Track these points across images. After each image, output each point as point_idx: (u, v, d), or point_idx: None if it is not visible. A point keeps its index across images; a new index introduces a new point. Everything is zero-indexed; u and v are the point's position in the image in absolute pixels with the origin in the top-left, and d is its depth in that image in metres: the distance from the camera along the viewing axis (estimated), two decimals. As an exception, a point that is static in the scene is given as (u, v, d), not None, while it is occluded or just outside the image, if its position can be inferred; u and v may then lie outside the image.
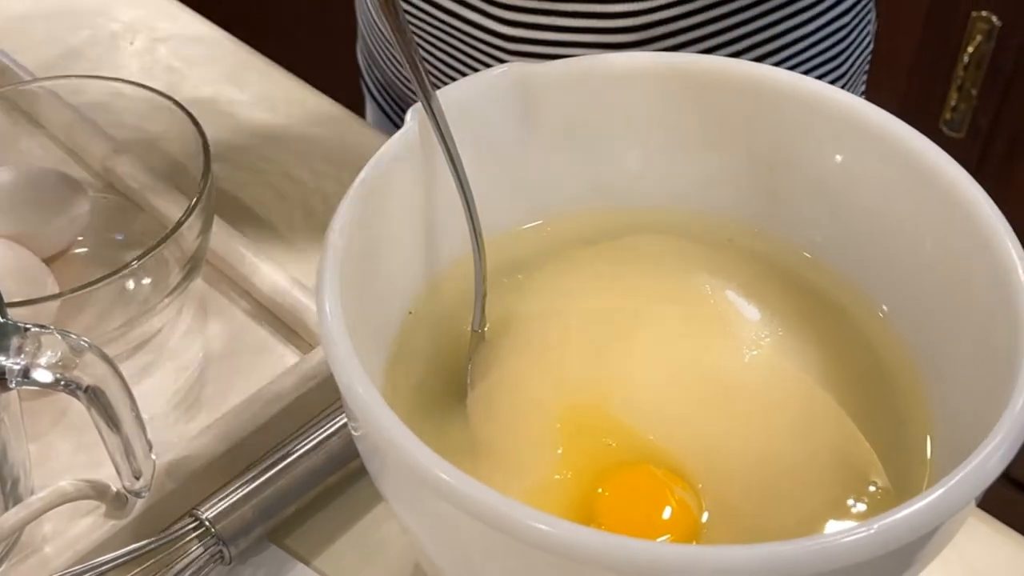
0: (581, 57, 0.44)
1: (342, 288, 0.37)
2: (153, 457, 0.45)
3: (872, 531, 0.29)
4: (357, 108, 0.76)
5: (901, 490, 0.38)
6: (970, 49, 1.02)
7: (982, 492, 0.32)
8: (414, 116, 0.42)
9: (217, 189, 0.62)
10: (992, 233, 0.36)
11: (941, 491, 0.30)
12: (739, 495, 0.38)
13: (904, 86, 1.10)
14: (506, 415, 0.41)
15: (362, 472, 0.48)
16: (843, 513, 0.38)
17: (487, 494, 0.31)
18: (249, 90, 0.69)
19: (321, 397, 0.50)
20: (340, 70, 0.87)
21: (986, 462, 0.31)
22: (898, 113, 0.40)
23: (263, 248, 0.57)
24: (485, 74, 0.43)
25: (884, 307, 0.41)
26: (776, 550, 0.29)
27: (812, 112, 0.41)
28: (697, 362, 0.42)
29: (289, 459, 0.47)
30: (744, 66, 0.43)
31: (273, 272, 0.55)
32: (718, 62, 0.43)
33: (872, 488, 0.38)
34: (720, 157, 0.44)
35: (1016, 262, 0.35)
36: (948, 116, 1.07)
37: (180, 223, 0.49)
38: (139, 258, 0.48)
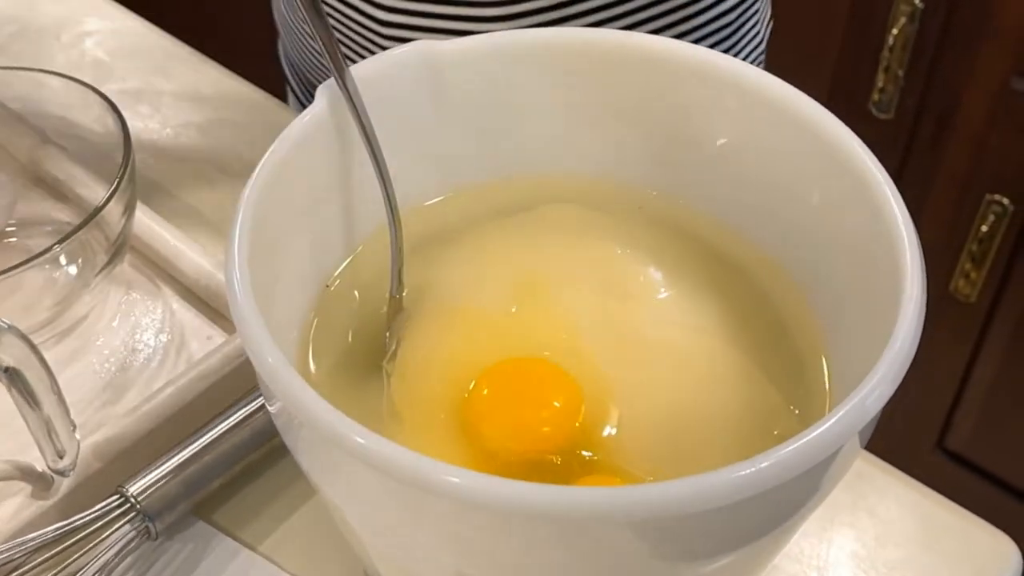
0: (487, 34, 0.45)
1: (252, 263, 0.38)
2: (77, 437, 0.46)
3: (751, 471, 0.30)
4: (284, 97, 0.77)
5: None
6: (895, 31, 1.04)
7: (864, 433, 0.34)
8: (323, 93, 0.43)
9: (145, 179, 0.63)
10: (872, 183, 0.37)
11: (811, 436, 0.31)
12: (652, 447, 0.40)
13: (833, 70, 1.12)
14: (423, 381, 0.42)
15: (286, 447, 0.49)
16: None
17: (396, 449, 0.32)
18: (176, 81, 0.69)
19: (247, 377, 0.51)
20: (267, 60, 0.87)
21: (863, 402, 0.32)
22: (828, 96, 0.41)
23: (190, 234, 0.58)
24: (392, 52, 0.44)
25: (781, 261, 0.43)
26: (659, 489, 0.30)
27: (704, 80, 0.43)
28: (609, 325, 0.43)
29: (214, 435, 0.47)
30: (642, 39, 0.44)
31: (198, 256, 0.55)
32: (618, 36, 0.44)
33: (777, 432, 0.40)
34: (623, 128, 0.45)
35: (896, 211, 0.36)
36: (876, 98, 1.09)
37: (101, 207, 0.50)
38: (60, 242, 0.49)
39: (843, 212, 0.39)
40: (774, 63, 0.77)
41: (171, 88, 0.69)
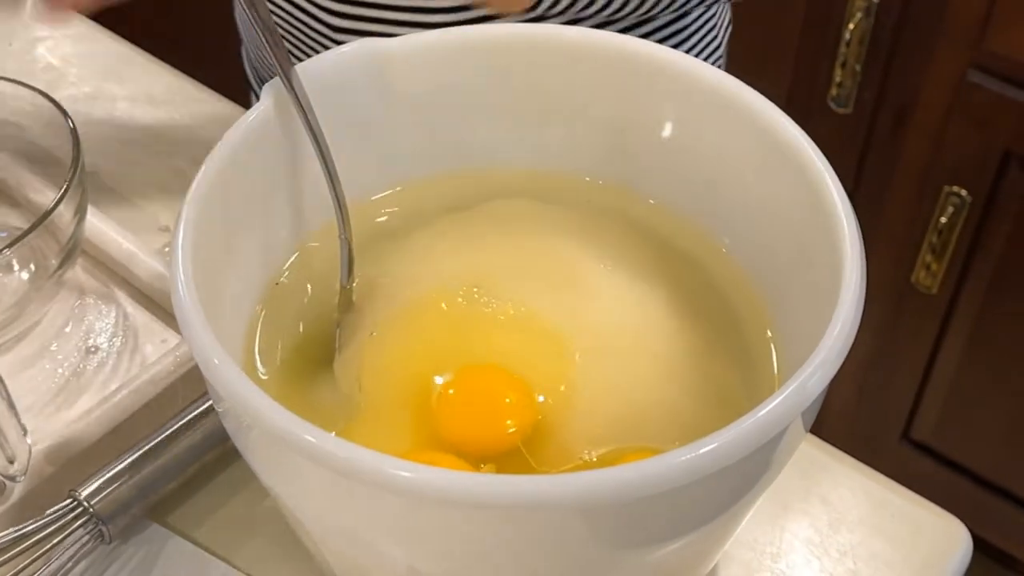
0: (433, 30, 0.45)
1: (198, 263, 0.38)
2: (28, 442, 0.45)
3: (690, 456, 0.31)
4: (244, 102, 0.77)
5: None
6: (851, 26, 1.05)
7: (808, 415, 0.34)
8: (269, 92, 0.42)
9: (99, 183, 0.63)
10: (812, 172, 0.37)
11: (752, 419, 0.32)
12: (612, 432, 0.40)
13: (792, 66, 1.12)
14: (373, 374, 0.42)
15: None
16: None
17: (346, 446, 0.32)
18: (130, 85, 0.69)
19: (201, 379, 0.50)
20: (227, 68, 0.87)
21: (804, 385, 0.32)
22: (787, 92, 0.42)
23: (143, 237, 0.57)
24: (339, 49, 0.44)
25: (727, 249, 0.43)
26: (604, 475, 0.30)
27: (653, 73, 0.43)
28: (562, 317, 0.43)
29: (167, 437, 0.47)
30: (589, 34, 0.44)
31: (151, 259, 0.55)
32: (567, 31, 0.45)
33: (729, 415, 0.40)
34: (573, 121, 0.46)
35: (835, 199, 0.36)
36: (835, 93, 1.10)
37: (50, 211, 0.50)
38: (9, 246, 0.48)
39: (786, 201, 0.39)
40: (732, 62, 0.77)
41: (124, 93, 0.68)
